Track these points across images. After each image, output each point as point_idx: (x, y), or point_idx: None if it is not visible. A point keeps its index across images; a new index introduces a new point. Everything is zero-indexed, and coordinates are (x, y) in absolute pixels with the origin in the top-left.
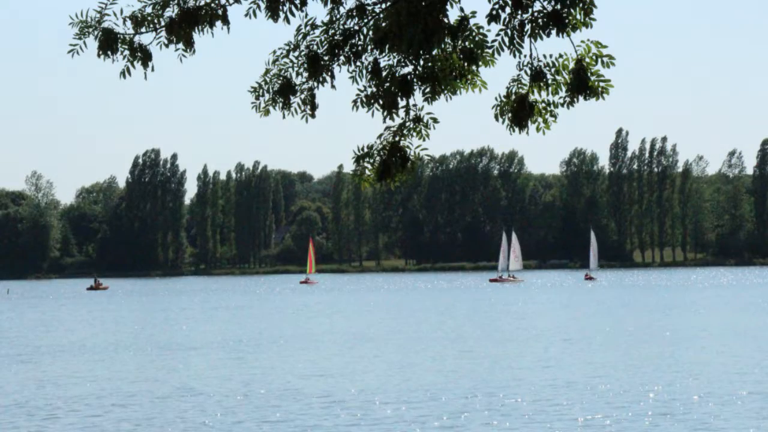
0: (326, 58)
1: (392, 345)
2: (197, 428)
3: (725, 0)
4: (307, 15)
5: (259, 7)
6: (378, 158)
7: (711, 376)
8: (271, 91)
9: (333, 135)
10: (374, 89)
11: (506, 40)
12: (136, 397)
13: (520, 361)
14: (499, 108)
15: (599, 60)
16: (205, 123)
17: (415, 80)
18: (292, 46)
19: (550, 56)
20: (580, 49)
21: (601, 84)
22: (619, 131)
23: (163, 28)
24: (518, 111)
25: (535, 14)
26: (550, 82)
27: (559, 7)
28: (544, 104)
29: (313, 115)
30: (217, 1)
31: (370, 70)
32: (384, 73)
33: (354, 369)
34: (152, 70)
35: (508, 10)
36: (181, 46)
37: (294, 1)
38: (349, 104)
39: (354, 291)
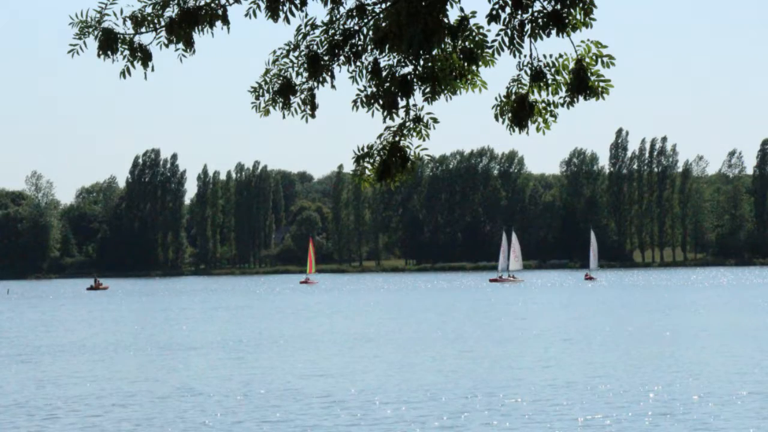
0: (326, 58)
1: (392, 345)
2: (197, 428)
3: (725, 0)
4: (307, 15)
5: (259, 7)
6: (378, 158)
7: (711, 376)
8: (271, 91)
9: (333, 135)
10: (374, 89)
11: (506, 40)
12: (136, 397)
13: (520, 361)
14: (499, 108)
15: (599, 60)
16: (205, 123)
17: (415, 80)
18: (292, 46)
19: (550, 56)
20: (580, 49)
21: (601, 84)
22: (619, 131)
23: (163, 28)
24: (518, 111)
25: (535, 14)
26: (550, 82)
27: (559, 7)
28: (544, 104)
29: (313, 115)
30: (217, 1)
31: (370, 70)
32: (384, 73)
33: (354, 369)
34: (152, 70)
35: (508, 10)
36: (181, 46)
37: (294, 1)
38: (349, 104)
39: (354, 291)
